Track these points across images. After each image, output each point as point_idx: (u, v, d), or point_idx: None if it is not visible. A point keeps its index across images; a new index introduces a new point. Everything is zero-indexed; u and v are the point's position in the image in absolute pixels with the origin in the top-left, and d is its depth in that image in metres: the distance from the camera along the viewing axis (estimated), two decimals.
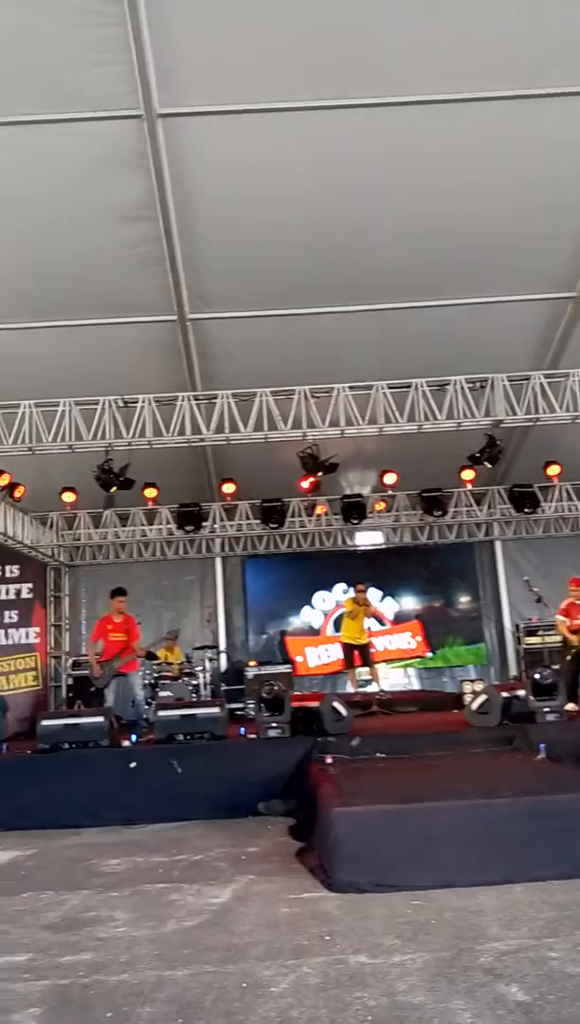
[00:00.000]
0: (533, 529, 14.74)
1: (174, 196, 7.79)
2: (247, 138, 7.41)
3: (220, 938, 4.31)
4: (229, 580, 15.33)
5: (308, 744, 8.24)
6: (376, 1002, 3.37)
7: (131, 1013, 3.41)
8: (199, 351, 9.80)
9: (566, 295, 9.48)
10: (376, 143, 7.51)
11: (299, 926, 4.43)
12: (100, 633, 9.88)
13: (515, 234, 8.55)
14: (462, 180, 7.96)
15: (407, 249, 8.65)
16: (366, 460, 12.35)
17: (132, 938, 4.39)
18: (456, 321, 9.63)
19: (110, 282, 8.72)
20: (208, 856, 6.20)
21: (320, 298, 9.28)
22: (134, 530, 13.39)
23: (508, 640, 14.84)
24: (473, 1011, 3.24)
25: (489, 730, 8.75)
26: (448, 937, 4.12)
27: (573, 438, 11.41)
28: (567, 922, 4.24)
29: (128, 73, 6.71)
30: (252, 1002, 3.45)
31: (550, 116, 7.35)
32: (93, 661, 9.81)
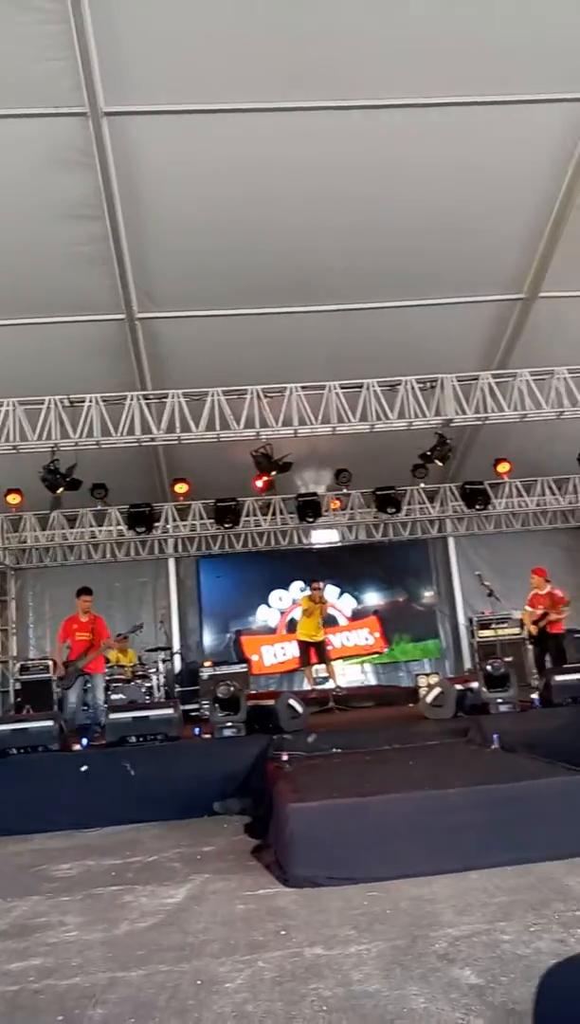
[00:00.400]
0: (484, 525, 14.94)
1: (121, 194, 7.74)
2: (195, 138, 7.40)
3: (174, 938, 4.27)
4: (182, 581, 15.24)
5: (264, 742, 8.21)
6: (331, 992, 3.37)
7: (83, 1016, 3.35)
8: (148, 350, 9.74)
9: (514, 296, 9.64)
10: (325, 145, 7.57)
11: (255, 922, 4.41)
12: (66, 633, 9.76)
13: (464, 237, 8.68)
14: (412, 183, 8.05)
15: (358, 251, 8.73)
16: (320, 459, 12.39)
17: (84, 941, 4.32)
18: (407, 322, 9.73)
19: (56, 281, 8.62)
20: (162, 857, 6.14)
21: (271, 299, 9.30)
22: (83, 531, 13.23)
23: (462, 634, 15.00)
24: (427, 996, 3.26)
25: (443, 722, 8.82)
26: (403, 926, 4.13)
27: (521, 436, 11.61)
28: (519, 906, 4.28)
29: (72, 70, 6.65)
30: (207, 999, 3.42)
31: (499, 120, 7.50)
32: (59, 662, 9.68)
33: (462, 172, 7.99)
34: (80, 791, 7.65)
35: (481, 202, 8.32)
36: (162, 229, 8.27)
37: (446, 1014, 3.10)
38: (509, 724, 8.27)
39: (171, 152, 7.52)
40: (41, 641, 14.60)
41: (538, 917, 4.11)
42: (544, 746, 7.52)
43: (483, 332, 10.20)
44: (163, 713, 8.63)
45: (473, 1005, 3.16)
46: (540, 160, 7.93)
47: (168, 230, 8.29)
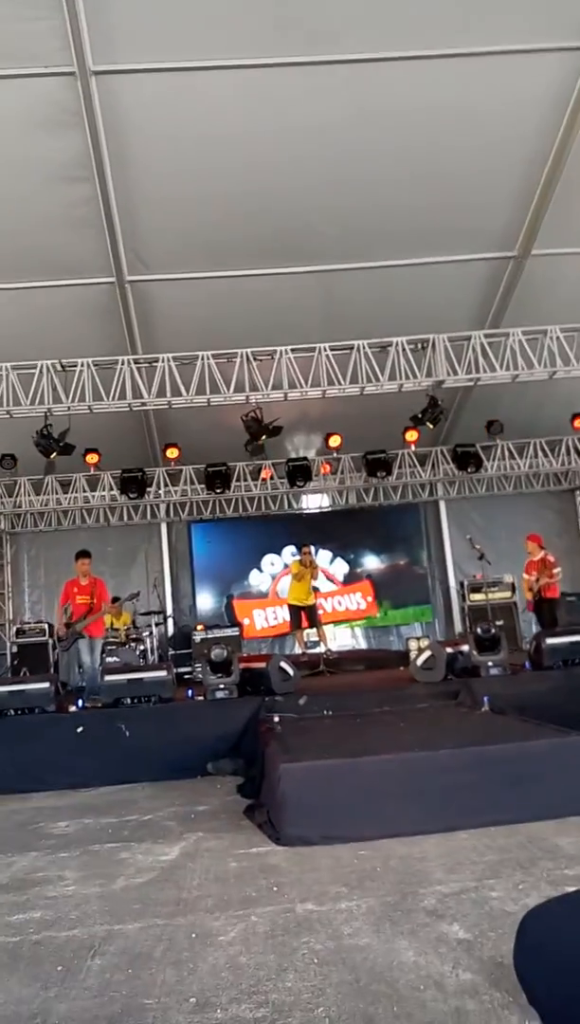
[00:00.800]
0: (476, 488, 14.95)
1: (110, 155, 7.62)
2: (184, 97, 7.27)
3: (169, 893, 4.36)
4: (175, 545, 15.30)
5: (255, 704, 8.31)
6: (322, 946, 3.46)
7: (81, 966, 3.44)
8: (138, 314, 9.65)
9: (506, 255, 9.53)
10: (315, 103, 7.43)
11: (247, 879, 4.50)
12: (67, 596, 9.77)
13: (455, 194, 8.55)
14: (402, 141, 7.91)
15: (347, 210, 8.61)
16: (310, 423, 12.36)
17: (82, 895, 4.42)
18: (397, 283, 9.63)
19: (45, 243, 8.50)
20: (157, 816, 6.25)
21: (260, 260, 9.19)
22: (76, 496, 13.22)
23: (453, 597, 15.10)
24: (416, 949, 3.35)
25: (434, 685, 8.93)
26: (393, 883, 4.23)
27: (514, 397, 11.58)
28: (508, 864, 4.38)
29: (60, 29, 6.52)
30: (201, 951, 3.51)
31: (489, 74, 7.34)
32: (59, 624, 9.75)
33: (453, 128, 7.85)
34: (76, 751, 7.77)
35: (473, 159, 8.18)
36: (152, 190, 8.15)
37: (435, 967, 3.18)
38: (499, 687, 8.37)
39: (160, 111, 7.38)
40: (36, 605, 14.66)
41: (526, 875, 4.20)
42: (534, 708, 7.62)
43: (475, 291, 10.10)
44: (157, 675, 8.73)
45: (461, 959, 3.24)
46: (532, 115, 7.77)
47: (158, 191, 8.17)
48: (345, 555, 15.63)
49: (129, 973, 3.33)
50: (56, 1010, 3.06)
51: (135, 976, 3.30)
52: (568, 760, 5.62)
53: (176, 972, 3.31)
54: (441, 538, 15.58)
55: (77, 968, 3.42)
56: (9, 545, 14.93)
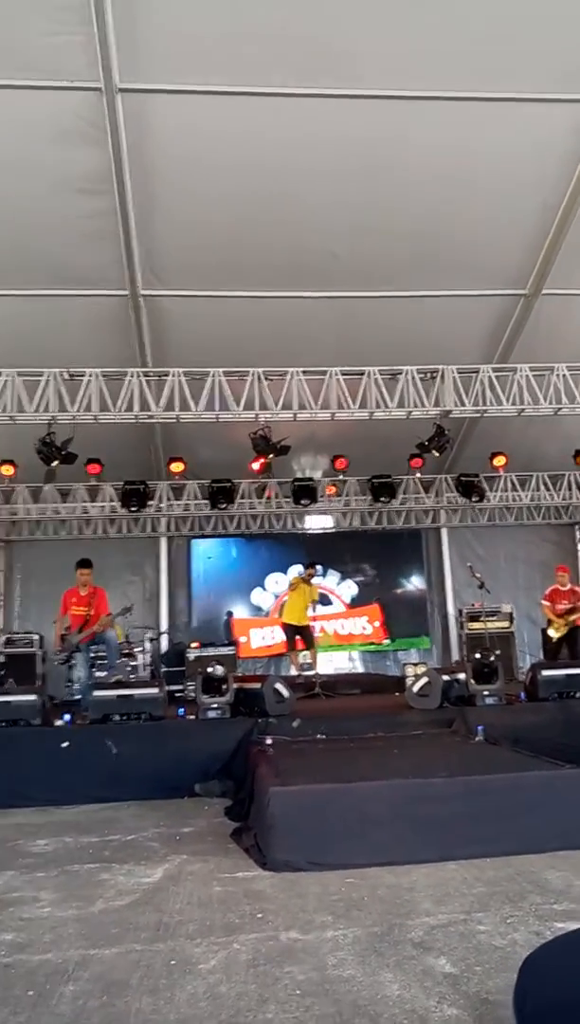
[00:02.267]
0: (478, 517, 14.91)
1: (131, 171, 7.67)
2: (210, 119, 7.34)
3: (150, 917, 4.27)
4: (173, 560, 15.19)
5: (248, 725, 8.22)
6: (306, 976, 3.37)
7: (53, 991, 3.35)
8: (151, 328, 9.66)
9: (517, 292, 9.62)
10: (337, 134, 7.53)
11: (231, 904, 4.41)
12: (65, 606, 9.69)
13: (472, 230, 8.66)
14: (424, 175, 8.03)
15: (365, 240, 8.69)
16: (317, 445, 12.36)
17: (58, 918, 4.32)
18: (410, 312, 9.71)
19: (62, 253, 8.54)
20: (141, 836, 6.15)
21: (276, 282, 9.24)
22: (75, 506, 13.15)
23: (451, 625, 15.01)
24: (401, 983, 3.26)
25: (429, 712, 8.84)
26: (380, 913, 4.14)
27: (518, 430, 11.60)
28: (497, 897, 4.30)
29: (89, 45, 6.58)
30: (180, 979, 3.42)
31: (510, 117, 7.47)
32: (56, 635, 9.66)
33: (473, 168, 8.00)
34: (61, 767, 7.65)
35: (491, 198, 8.32)
36: (170, 207, 8.21)
37: (420, 1001, 3.10)
38: (494, 717, 8.29)
39: (183, 132, 7.46)
40: (27, 615, 14.50)
41: (515, 909, 4.12)
42: (528, 740, 7.55)
43: (485, 326, 10.18)
44: (148, 692, 8.62)
45: (447, 994, 3.16)
46: (549, 160, 7.93)
47: (176, 209, 8.22)
48: (354, 577, 15.49)
49: (103, 1000, 3.24)
50: None
51: (109, 1004, 3.21)
52: (560, 793, 5.55)
53: (153, 1001, 3.22)
54: (441, 565, 15.51)
55: (49, 994, 3.32)
56: (3, 553, 14.82)
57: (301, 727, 8.30)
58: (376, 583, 15.58)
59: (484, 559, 14.54)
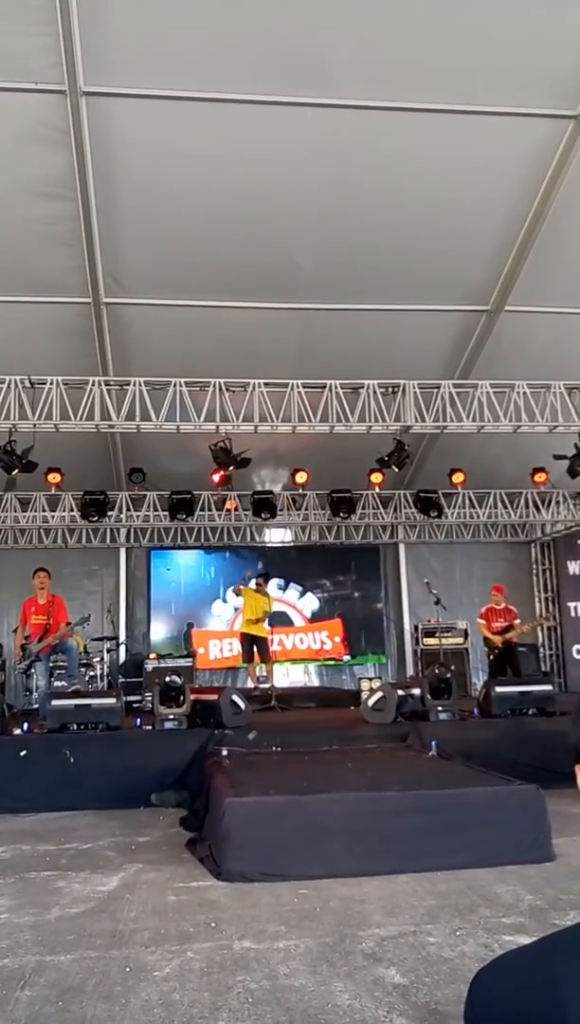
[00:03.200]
0: (435, 534, 15.07)
1: (95, 176, 7.65)
2: (173, 125, 7.33)
3: (105, 925, 4.27)
4: (132, 571, 15.14)
5: (204, 737, 8.22)
6: (258, 985, 3.41)
7: (10, 996, 3.35)
8: (113, 336, 9.66)
9: (479, 308, 9.75)
10: (305, 143, 7.56)
11: (186, 913, 4.43)
12: (25, 616, 9.59)
13: (436, 245, 8.73)
14: (390, 188, 8.08)
15: (332, 251, 8.74)
16: (278, 458, 12.42)
17: (14, 924, 4.31)
18: (372, 326, 9.78)
19: (24, 259, 8.50)
20: (97, 845, 6.13)
21: (240, 292, 9.27)
22: (35, 515, 13.06)
23: (406, 640, 15.15)
24: (351, 992, 3.32)
25: (383, 727, 8.91)
26: (332, 924, 4.19)
27: (478, 447, 11.78)
28: (447, 910, 4.37)
29: (54, 47, 6.55)
30: (134, 986, 3.44)
31: (477, 131, 7.54)
32: (16, 644, 9.57)
33: (438, 181, 8.03)
34: (18, 775, 7.59)
35: (455, 213, 8.37)
36: (134, 214, 8.20)
37: (370, 1011, 3.15)
38: (448, 732, 8.38)
39: (148, 137, 7.44)
40: None
41: (464, 922, 4.20)
42: (481, 755, 7.64)
43: (447, 341, 10.28)
44: (105, 702, 8.59)
45: (397, 1004, 3.22)
46: (515, 175, 8.01)
47: (140, 215, 8.22)
48: (314, 592, 15.52)
49: (59, 1006, 3.25)
50: None
51: (65, 1009, 3.22)
52: (510, 808, 5.64)
53: (108, 1007, 3.24)
54: (398, 581, 15.65)
55: (5, 999, 3.33)
56: None
57: (257, 739, 8.32)
58: (335, 598, 15.65)
59: (440, 575, 14.72)
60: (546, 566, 15.73)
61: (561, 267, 9.03)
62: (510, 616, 11.43)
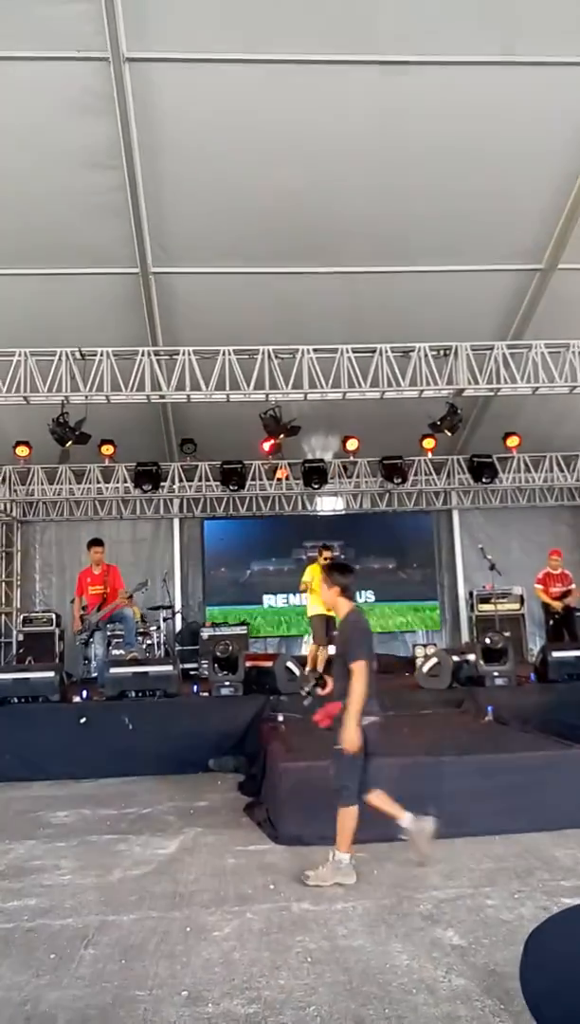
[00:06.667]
0: (490, 499, 14.87)
1: (140, 144, 7.58)
2: (219, 90, 7.22)
3: (166, 886, 4.36)
4: (186, 542, 15.26)
5: (260, 703, 8.30)
6: (317, 945, 3.45)
7: (74, 955, 3.44)
8: (161, 306, 9.62)
9: (532, 267, 9.48)
10: (351, 102, 7.37)
11: (245, 876, 4.49)
12: (81, 587, 9.75)
13: (486, 204, 8.48)
14: (436, 146, 7.85)
15: (377, 213, 8.55)
16: (328, 425, 12.32)
17: (77, 885, 4.43)
18: (422, 288, 9.57)
19: (72, 232, 8.49)
20: (157, 809, 6.26)
21: (288, 258, 9.15)
22: (89, 487, 13.21)
23: (461, 607, 15.03)
24: (410, 953, 3.33)
25: (439, 692, 8.90)
26: (389, 886, 4.21)
27: (532, 410, 11.52)
28: (504, 873, 4.36)
29: (96, 13, 6.49)
30: (195, 945, 3.50)
31: (525, 88, 7.29)
32: (75, 616, 9.76)
33: (487, 138, 7.79)
34: (79, 742, 7.76)
35: (505, 170, 8.12)
36: (180, 182, 8.12)
37: (428, 971, 3.16)
38: (504, 698, 8.33)
39: (192, 102, 7.33)
40: (45, 594, 14.67)
41: (523, 885, 4.18)
42: (537, 720, 7.60)
43: (499, 302, 10.02)
44: (163, 670, 8.73)
45: (455, 964, 3.22)
46: (565, 129, 7.73)
47: (186, 183, 8.14)
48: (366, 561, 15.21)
49: (122, 964, 3.33)
50: (47, 998, 3.05)
51: (128, 967, 3.30)
52: (567, 773, 5.61)
53: (169, 965, 3.30)
54: (453, 547, 15.49)
55: (70, 957, 3.42)
56: (20, 534, 14.93)
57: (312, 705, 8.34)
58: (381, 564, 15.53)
59: (495, 540, 14.49)
60: None
61: None
62: (567, 581, 11.24)
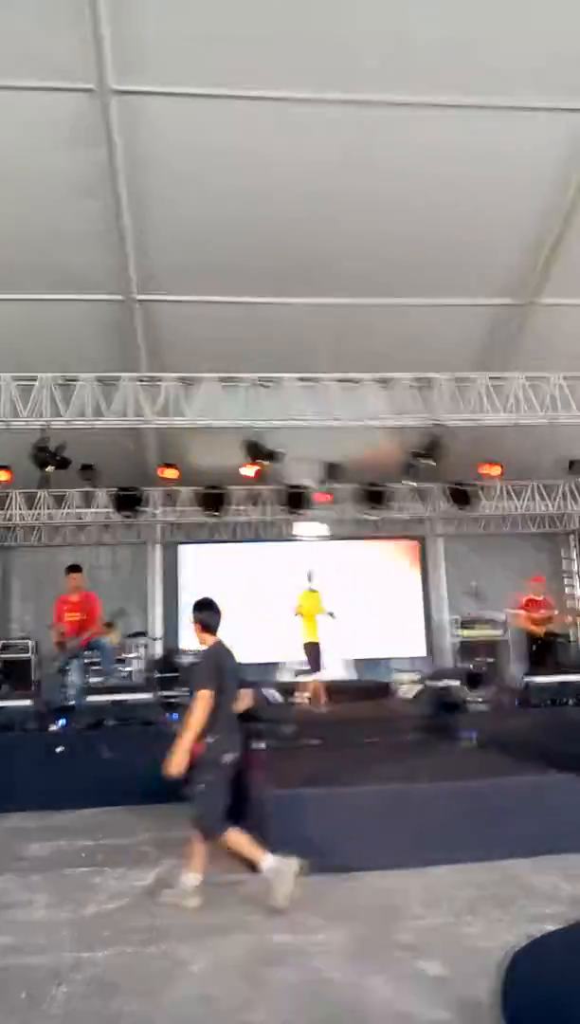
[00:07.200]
0: (471, 527, 14.94)
1: (126, 175, 7.65)
2: (205, 123, 7.30)
3: (142, 920, 4.28)
4: (167, 567, 15.18)
5: None
6: (296, 978, 3.39)
7: (47, 994, 3.36)
8: (145, 333, 9.67)
9: (513, 302, 9.64)
10: (338, 137, 7.50)
11: (222, 907, 4.43)
12: (59, 614, 9.66)
13: (470, 238, 8.64)
14: (422, 182, 8.00)
15: (363, 246, 8.65)
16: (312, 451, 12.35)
17: (52, 921, 4.33)
18: (406, 320, 9.70)
19: (56, 257, 8.52)
20: (134, 840, 6.15)
21: (272, 288, 9.23)
22: (69, 512, 13.14)
23: (445, 632, 15.02)
24: (390, 984, 3.28)
25: (421, 718, 8.86)
26: (369, 916, 4.16)
27: (514, 439, 11.62)
28: (486, 901, 4.32)
29: (84, 46, 6.57)
30: (171, 981, 3.43)
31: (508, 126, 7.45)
32: (55, 642, 9.66)
33: (472, 176, 7.96)
34: (55, 771, 7.63)
35: (489, 206, 8.30)
36: (165, 212, 8.20)
37: (409, 1003, 3.12)
38: (485, 723, 8.30)
39: (178, 135, 7.42)
40: (23, 620, 14.49)
41: (504, 913, 4.15)
42: (519, 746, 7.55)
43: (481, 335, 10.17)
44: (140, 697, 8.64)
45: (435, 996, 3.18)
46: (546, 169, 7.92)
47: (171, 213, 8.21)
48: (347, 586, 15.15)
49: (96, 1003, 3.25)
50: None
51: (102, 1006, 3.23)
52: (548, 798, 5.58)
53: (144, 1003, 3.23)
54: (435, 573, 15.55)
55: (42, 996, 3.34)
56: None
57: (294, 733, 8.30)
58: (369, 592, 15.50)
59: (477, 568, 14.56)
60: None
61: None
62: (549, 607, 11.29)
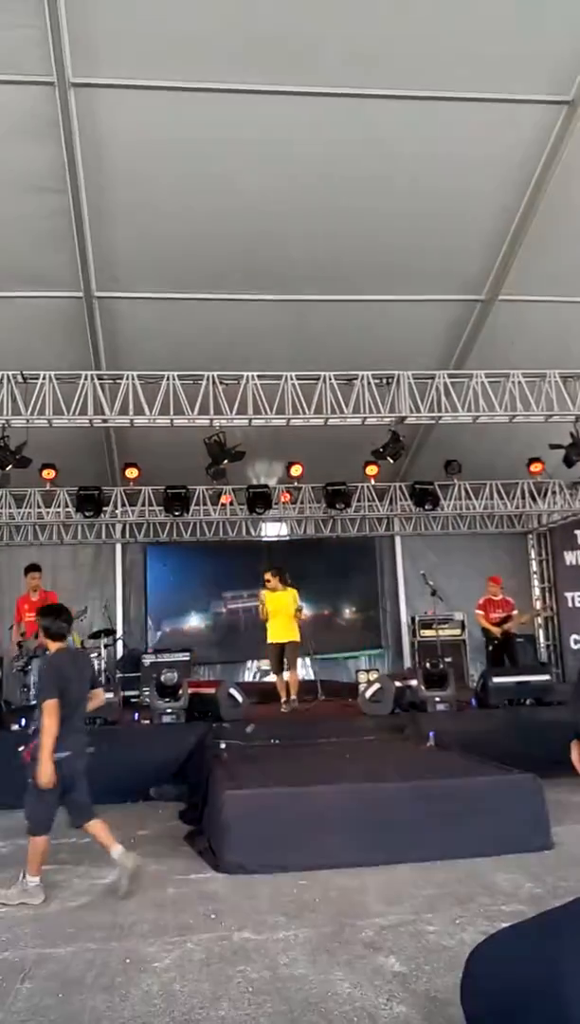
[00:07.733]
0: (432, 526, 15.06)
1: (85, 169, 7.56)
2: (166, 117, 7.23)
3: (105, 917, 4.28)
4: (129, 567, 15.11)
5: (202, 730, 8.23)
6: (258, 975, 3.41)
7: (10, 989, 3.35)
8: (105, 330, 9.60)
9: (474, 298, 9.71)
10: (298, 132, 7.45)
11: (185, 905, 4.44)
12: (19, 614, 9.58)
13: (430, 235, 8.64)
14: (382, 178, 7.97)
15: (324, 242, 8.65)
16: (273, 451, 12.37)
17: (14, 918, 4.32)
18: (367, 317, 9.71)
19: (13, 254, 8.42)
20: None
21: (233, 285, 9.20)
22: (30, 511, 13.01)
23: (403, 632, 15.14)
24: (352, 981, 3.32)
25: (381, 718, 8.93)
26: (331, 914, 4.19)
27: (474, 438, 11.74)
28: (446, 899, 4.38)
29: (41, 38, 6.49)
30: (134, 977, 3.44)
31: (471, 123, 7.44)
32: (12, 642, 9.55)
33: (432, 170, 7.92)
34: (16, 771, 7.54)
35: (449, 202, 8.28)
36: (126, 207, 8.13)
37: (369, 999, 3.15)
38: (445, 723, 8.40)
39: (138, 129, 7.34)
40: None
41: (463, 910, 4.20)
42: (478, 745, 7.65)
43: (441, 331, 10.20)
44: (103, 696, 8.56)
45: (396, 992, 3.22)
46: (509, 164, 7.92)
47: (132, 209, 8.15)
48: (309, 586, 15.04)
49: (60, 998, 3.25)
50: None
51: (65, 1001, 3.22)
52: (508, 797, 5.66)
53: (108, 998, 3.23)
54: (395, 573, 15.65)
55: (5, 991, 3.33)
56: None
57: (255, 732, 8.31)
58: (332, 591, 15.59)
59: (437, 567, 14.67)
60: (543, 557, 15.74)
61: (555, 256, 8.97)
62: (507, 607, 11.44)
